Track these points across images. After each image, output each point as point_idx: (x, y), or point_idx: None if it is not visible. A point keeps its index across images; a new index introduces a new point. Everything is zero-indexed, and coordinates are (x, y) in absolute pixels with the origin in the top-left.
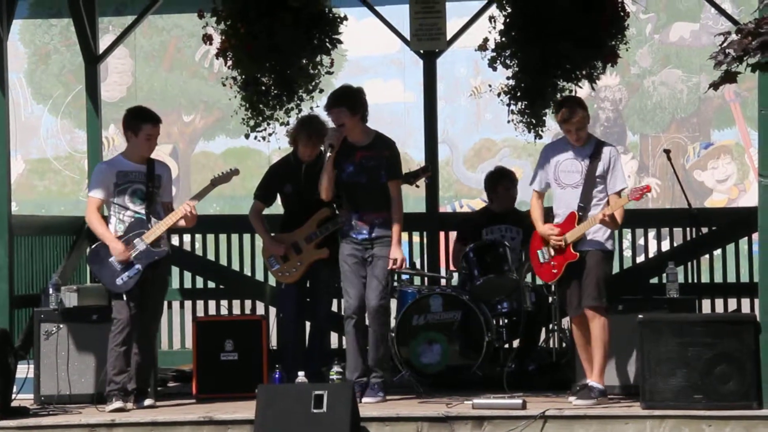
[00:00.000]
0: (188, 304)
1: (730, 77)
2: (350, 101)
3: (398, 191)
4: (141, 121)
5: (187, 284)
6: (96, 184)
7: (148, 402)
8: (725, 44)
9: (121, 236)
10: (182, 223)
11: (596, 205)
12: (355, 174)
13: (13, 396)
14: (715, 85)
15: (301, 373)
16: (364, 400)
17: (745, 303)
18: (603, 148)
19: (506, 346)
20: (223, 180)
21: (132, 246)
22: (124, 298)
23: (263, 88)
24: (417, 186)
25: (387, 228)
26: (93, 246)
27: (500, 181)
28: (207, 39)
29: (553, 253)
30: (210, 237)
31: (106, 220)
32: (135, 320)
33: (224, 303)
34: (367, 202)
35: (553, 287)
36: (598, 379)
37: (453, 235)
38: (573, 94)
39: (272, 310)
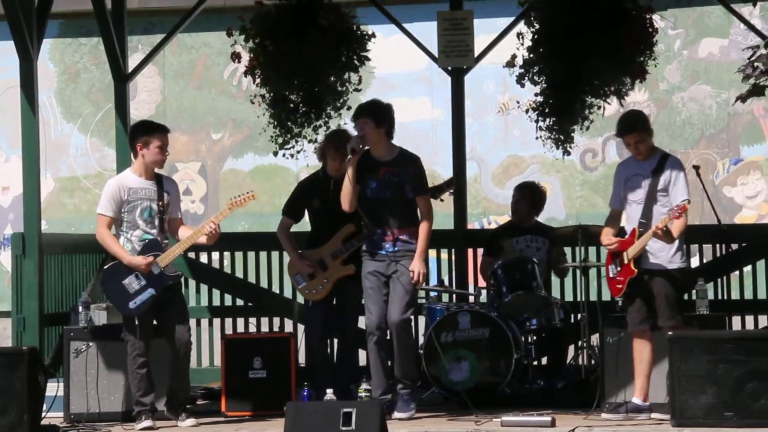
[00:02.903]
0: (217, 321)
1: (758, 90)
2: (376, 113)
3: (428, 206)
4: (151, 134)
5: (216, 302)
6: (106, 202)
7: (190, 422)
8: (754, 58)
9: None
10: (202, 239)
11: (660, 219)
12: (379, 190)
13: (43, 414)
14: (742, 98)
15: (329, 391)
16: (396, 414)
17: None
18: (666, 161)
19: (535, 363)
20: (240, 204)
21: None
22: (137, 321)
23: (291, 105)
24: (441, 200)
25: (411, 244)
26: (106, 267)
27: (519, 190)
28: (235, 57)
29: (619, 269)
30: (238, 254)
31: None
32: (148, 341)
33: (253, 320)
34: (390, 218)
35: (620, 302)
36: None
37: (481, 251)
38: (604, 111)
39: (300, 328)
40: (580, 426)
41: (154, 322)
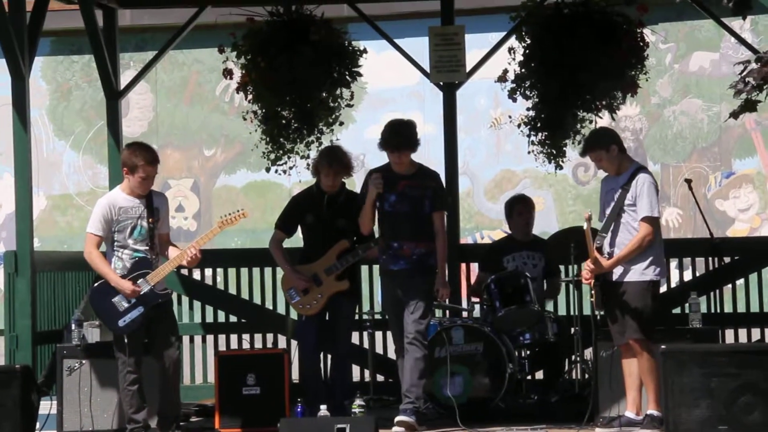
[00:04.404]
0: (210, 338)
1: (750, 106)
2: (415, 144)
3: (443, 223)
4: (138, 162)
5: (209, 318)
6: (97, 221)
7: None
8: (745, 72)
9: (125, 275)
10: (185, 262)
11: (629, 232)
12: (398, 203)
13: None
14: (735, 114)
15: (323, 407)
16: (397, 418)
17: None
18: (637, 175)
19: (529, 377)
20: (230, 223)
21: (137, 286)
22: (126, 339)
23: (283, 121)
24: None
25: (426, 258)
26: (95, 285)
27: (514, 206)
28: (227, 73)
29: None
30: (232, 271)
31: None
32: (138, 358)
33: (246, 337)
34: (407, 231)
35: (598, 315)
36: (656, 408)
37: (474, 266)
38: (596, 125)
39: (294, 344)
40: None
41: (145, 340)
